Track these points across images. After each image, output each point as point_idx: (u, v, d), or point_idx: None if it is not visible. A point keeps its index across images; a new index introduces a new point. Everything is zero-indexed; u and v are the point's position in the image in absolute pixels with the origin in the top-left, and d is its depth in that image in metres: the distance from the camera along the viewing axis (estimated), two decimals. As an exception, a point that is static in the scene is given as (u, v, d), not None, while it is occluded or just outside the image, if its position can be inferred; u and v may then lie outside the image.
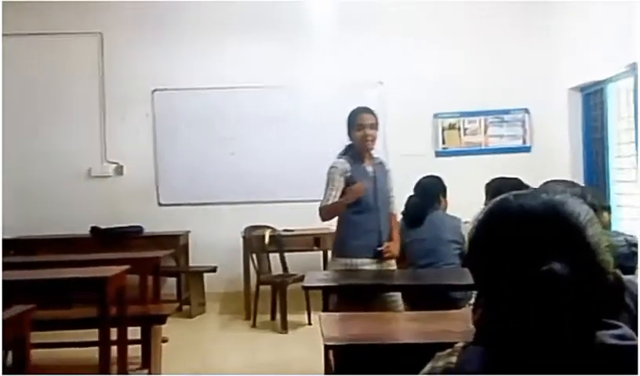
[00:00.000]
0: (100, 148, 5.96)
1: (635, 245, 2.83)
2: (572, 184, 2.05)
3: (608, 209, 3.07)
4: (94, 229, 5.58)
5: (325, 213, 3.25)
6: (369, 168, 3.31)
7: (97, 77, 5.95)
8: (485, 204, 0.90)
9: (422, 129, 6.09)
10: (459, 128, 6.11)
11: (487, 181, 3.27)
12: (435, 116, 6.11)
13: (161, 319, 3.66)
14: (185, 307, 5.37)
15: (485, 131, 6.07)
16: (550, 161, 5.48)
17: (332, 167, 3.26)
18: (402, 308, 3.15)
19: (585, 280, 0.75)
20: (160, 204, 5.93)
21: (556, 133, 5.63)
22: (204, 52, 5.92)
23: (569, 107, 5.42)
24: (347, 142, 3.37)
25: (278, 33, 5.90)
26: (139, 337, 3.58)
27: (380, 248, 3.22)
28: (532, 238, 0.77)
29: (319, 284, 2.97)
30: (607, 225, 2.91)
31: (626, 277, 1.79)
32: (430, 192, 3.68)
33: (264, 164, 5.87)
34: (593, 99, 5.20)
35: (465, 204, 2.81)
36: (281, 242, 5.23)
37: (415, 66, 5.91)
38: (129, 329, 3.33)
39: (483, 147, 6.04)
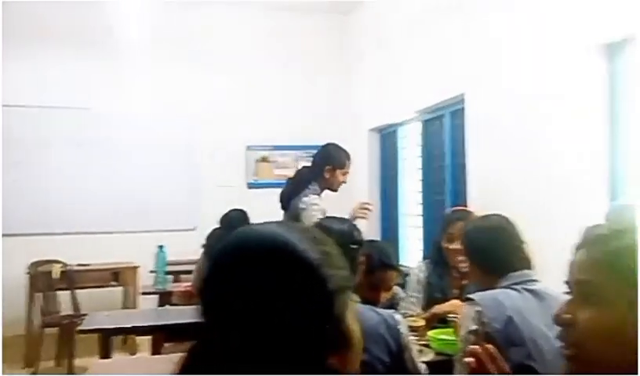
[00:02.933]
0: None
1: (407, 275, 3.07)
2: (344, 221, 2.14)
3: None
4: None
5: None
6: None
7: None
8: None
9: (235, 161, 6.11)
10: (271, 161, 6.23)
11: None
12: (248, 148, 6.17)
13: None
14: (-52, 359, 4.57)
15: (297, 165, 6.27)
16: (352, 196, 5.82)
17: (314, 204, 3.03)
18: None
19: (312, 327, 0.71)
20: None
21: (358, 170, 6.01)
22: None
23: (369, 146, 5.85)
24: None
25: (89, 54, 5.55)
26: None
27: None
28: (252, 278, 0.72)
29: (96, 327, 2.71)
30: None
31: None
32: (233, 225, 3.67)
33: (60, 192, 5.34)
34: (388, 139, 5.68)
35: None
36: (73, 278, 4.75)
37: (229, 99, 5.98)
38: None
39: (294, 180, 6.23)
